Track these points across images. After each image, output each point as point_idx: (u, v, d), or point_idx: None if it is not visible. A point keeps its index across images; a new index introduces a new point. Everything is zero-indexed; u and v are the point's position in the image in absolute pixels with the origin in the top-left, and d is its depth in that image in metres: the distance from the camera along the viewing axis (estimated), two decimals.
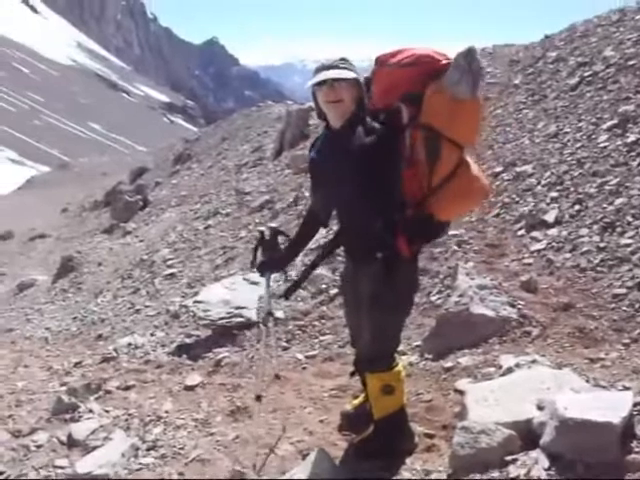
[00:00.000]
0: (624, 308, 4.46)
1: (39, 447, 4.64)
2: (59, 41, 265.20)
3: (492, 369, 4.13)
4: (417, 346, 4.94)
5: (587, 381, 3.47)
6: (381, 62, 3.30)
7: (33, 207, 23.83)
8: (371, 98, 3.37)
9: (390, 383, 3.42)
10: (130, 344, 6.57)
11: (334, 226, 3.82)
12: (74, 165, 36.95)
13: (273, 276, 5.41)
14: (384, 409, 3.46)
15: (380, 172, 3.18)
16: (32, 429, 4.97)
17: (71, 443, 4.59)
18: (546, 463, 2.81)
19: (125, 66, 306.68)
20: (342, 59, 3.36)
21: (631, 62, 7.50)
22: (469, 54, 3.02)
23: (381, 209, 3.21)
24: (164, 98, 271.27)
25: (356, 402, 4.02)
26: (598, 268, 4.90)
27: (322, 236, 6.38)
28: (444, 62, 3.09)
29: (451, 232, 6.07)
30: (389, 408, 3.47)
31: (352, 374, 3.72)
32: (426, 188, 3.17)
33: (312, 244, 6.74)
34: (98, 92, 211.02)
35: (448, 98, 3.04)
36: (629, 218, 5.13)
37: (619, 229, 5.10)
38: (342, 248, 3.64)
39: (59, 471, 4.26)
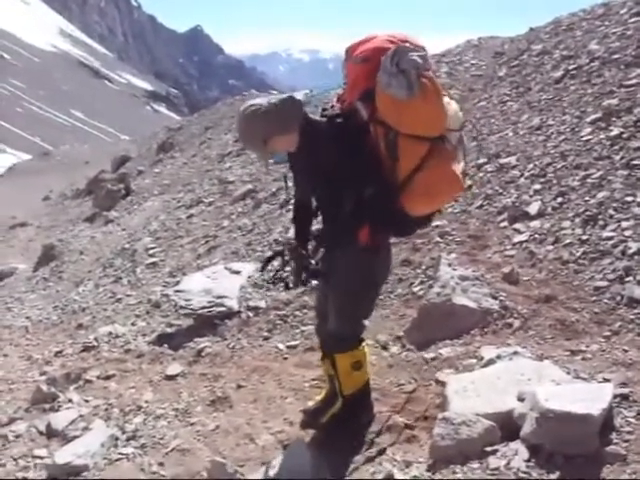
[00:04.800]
0: (605, 301, 4.48)
1: (18, 437, 4.62)
2: (41, 27, 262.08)
3: (473, 360, 4.13)
4: (399, 337, 4.94)
5: (568, 373, 3.48)
6: (348, 54, 3.30)
7: (14, 195, 23.54)
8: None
9: (359, 359, 3.59)
10: (111, 333, 6.52)
11: None
12: (56, 153, 36.49)
13: (255, 266, 5.25)
14: (354, 385, 3.62)
15: (343, 169, 3.18)
16: (11, 419, 4.94)
17: (50, 433, 4.57)
18: (526, 454, 2.83)
19: (108, 53, 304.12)
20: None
21: (615, 56, 7.51)
22: (395, 55, 3.01)
23: (348, 200, 3.22)
24: (147, 86, 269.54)
25: (318, 398, 4.05)
26: (580, 261, 4.91)
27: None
28: None
29: (434, 223, 6.08)
30: (358, 383, 3.63)
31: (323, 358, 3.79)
32: (393, 184, 3.17)
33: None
34: (81, 79, 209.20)
35: (389, 98, 3.04)
36: (611, 211, 5.15)
37: (601, 222, 5.12)
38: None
39: (38, 461, 4.25)
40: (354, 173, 3.17)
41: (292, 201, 3.83)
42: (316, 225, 3.67)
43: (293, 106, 3.28)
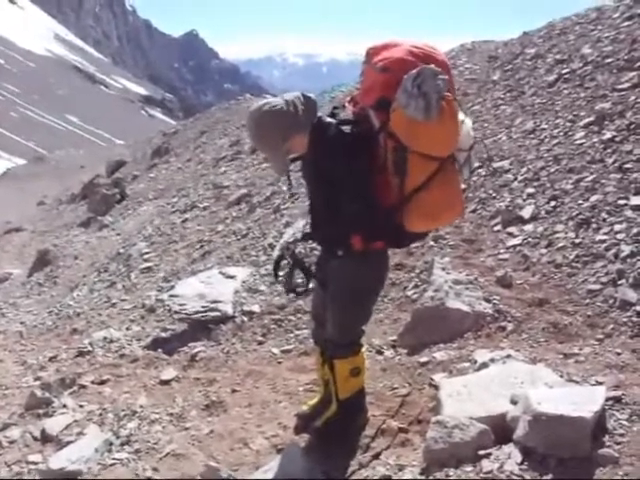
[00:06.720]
0: (598, 304, 4.49)
1: (12, 443, 4.61)
2: (36, 32, 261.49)
3: (467, 364, 4.14)
4: (392, 341, 4.95)
5: (561, 376, 3.49)
6: (368, 58, 3.24)
7: (9, 200, 23.50)
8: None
9: (358, 365, 3.62)
10: (105, 338, 6.51)
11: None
12: (51, 158, 36.34)
13: (250, 270, 5.21)
14: (350, 390, 3.64)
15: (345, 175, 3.14)
16: (5, 424, 4.93)
17: (44, 438, 4.56)
18: (519, 457, 2.83)
19: (103, 58, 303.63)
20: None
21: (608, 60, 7.54)
22: (418, 77, 2.92)
23: (346, 207, 3.20)
24: (142, 91, 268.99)
25: (312, 403, 4.04)
26: (573, 264, 4.93)
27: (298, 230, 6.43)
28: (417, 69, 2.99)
29: None
30: (355, 388, 3.66)
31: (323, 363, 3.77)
32: (395, 198, 3.14)
33: (290, 237, 6.76)
34: (75, 84, 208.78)
35: (405, 117, 2.98)
36: (604, 215, 5.16)
37: (594, 225, 5.13)
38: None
39: (32, 467, 4.24)
40: (355, 181, 3.13)
41: (294, 196, 3.83)
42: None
43: (310, 104, 3.24)
